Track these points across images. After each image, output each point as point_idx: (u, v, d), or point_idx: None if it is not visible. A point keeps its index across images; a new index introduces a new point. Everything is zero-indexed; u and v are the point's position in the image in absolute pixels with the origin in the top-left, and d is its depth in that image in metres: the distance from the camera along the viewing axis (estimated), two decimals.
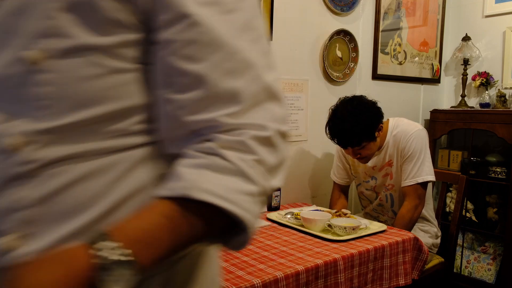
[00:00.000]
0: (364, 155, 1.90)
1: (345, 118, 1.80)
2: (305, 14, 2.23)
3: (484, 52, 2.94)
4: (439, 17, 2.98)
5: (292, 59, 2.20)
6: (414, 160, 1.89)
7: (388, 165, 2.00)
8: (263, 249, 1.49)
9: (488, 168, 2.69)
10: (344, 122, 1.80)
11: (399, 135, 1.94)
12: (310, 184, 2.38)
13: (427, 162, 1.91)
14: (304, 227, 1.69)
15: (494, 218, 2.74)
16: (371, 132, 1.84)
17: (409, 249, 1.64)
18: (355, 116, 1.79)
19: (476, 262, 2.77)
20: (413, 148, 1.90)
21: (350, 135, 1.81)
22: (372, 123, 1.83)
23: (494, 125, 2.58)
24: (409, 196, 1.90)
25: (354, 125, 1.78)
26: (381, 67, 2.63)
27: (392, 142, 1.96)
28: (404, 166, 1.93)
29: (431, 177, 1.90)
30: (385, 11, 2.61)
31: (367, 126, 1.81)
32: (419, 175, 1.89)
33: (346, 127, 1.80)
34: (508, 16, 2.82)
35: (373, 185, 2.08)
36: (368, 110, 1.84)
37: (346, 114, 1.81)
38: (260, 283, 1.21)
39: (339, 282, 1.41)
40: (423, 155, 1.90)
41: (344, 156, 2.16)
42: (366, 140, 1.84)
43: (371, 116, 1.83)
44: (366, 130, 1.82)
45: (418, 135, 1.92)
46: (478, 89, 2.95)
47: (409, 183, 1.90)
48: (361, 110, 1.82)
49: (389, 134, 1.97)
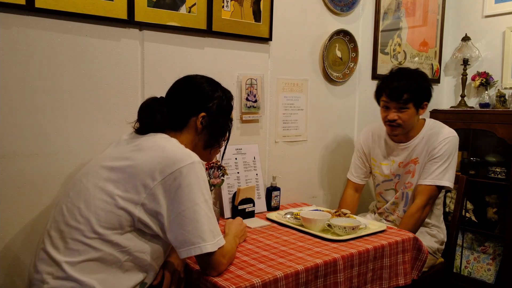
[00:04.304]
0: (401, 120, 1.91)
1: (404, 77, 1.91)
2: (305, 14, 2.23)
3: (484, 52, 2.95)
4: (439, 17, 2.98)
5: (292, 59, 2.21)
6: (441, 163, 1.89)
7: (413, 162, 1.99)
8: (262, 248, 1.49)
9: (487, 168, 2.70)
10: (402, 79, 1.90)
11: (434, 135, 1.95)
12: (309, 184, 2.38)
13: (451, 169, 1.91)
14: (304, 227, 1.69)
15: (494, 218, 2.74)
16: (421, 99, 1.91)
17: (408, 249, 1.64)
18: (414, 77, 1.91)
19: (476, 262, 2.77)
20: (443, 151, 1.90)
21: (404, 89, 1.87)
22: (425, 91, 1.93)
23: (494, 125, 2.59)
24: (421, 195, 1.90)
25: (410, 83, 1.89)
26: (380, 67, 2.63)
27: (425, 141, 1.96)
28: (428, 165, 1.92)
29: (450, 184, 1.90)
30: (385, 11, 2.61)
31: (420, 90, 1.90)
32: (440, 178, 1.89)
33: (402, 82, 1.89)
34: (508, 16, 2.82)
35: (396, 182, 2.07)
36: (426, 81, 1.95)
37: (405, 74, 1.93)
38: (259, 282, 1.21)
39: (339, 281, 1.41)
40: (450, 160, 1.90)
41: (365, 154, 2.16)
42: (413, 103, 1.89)
43: (427, 86, 1.93)
44: (418, 93, 1.89)
45: (452, 140, 1.93)
46: (477, 89, 2.96)
47: (427, 183, 1.90)
48: (421, 76, 1.94)
49: (423, 131, 1.98)
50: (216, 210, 1.85)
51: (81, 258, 1.10)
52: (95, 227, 1.12)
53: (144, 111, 1.30)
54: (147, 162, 1.15)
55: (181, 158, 1.16)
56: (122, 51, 1.64)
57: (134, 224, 1.14)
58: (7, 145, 1.44)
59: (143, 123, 1.30)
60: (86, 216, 1.13)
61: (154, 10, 1.68)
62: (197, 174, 1.16)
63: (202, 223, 1.14)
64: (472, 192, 2.88)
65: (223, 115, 1.37)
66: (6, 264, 1.47)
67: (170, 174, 1.13)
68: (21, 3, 1.40)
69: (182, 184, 1.13)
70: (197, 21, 1.80)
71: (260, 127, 2.12)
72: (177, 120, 1.32)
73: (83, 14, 1.52)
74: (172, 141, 1.25)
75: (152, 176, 1.13)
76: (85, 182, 1.20)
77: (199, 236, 1.13)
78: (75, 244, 1.12)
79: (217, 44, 1.91)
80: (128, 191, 1.14)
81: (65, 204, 1.19)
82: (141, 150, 1.20)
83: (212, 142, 1.37)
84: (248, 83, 2.02)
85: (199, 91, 1.34)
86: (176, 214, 1.13)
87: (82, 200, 1.16)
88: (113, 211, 1.13)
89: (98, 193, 1.15)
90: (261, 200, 2.03)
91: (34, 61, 1.46)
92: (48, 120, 1.51)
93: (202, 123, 1.32)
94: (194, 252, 1.13)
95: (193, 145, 1.34)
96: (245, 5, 1.95)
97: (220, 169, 1.82)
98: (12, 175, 1.45)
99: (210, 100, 1.34)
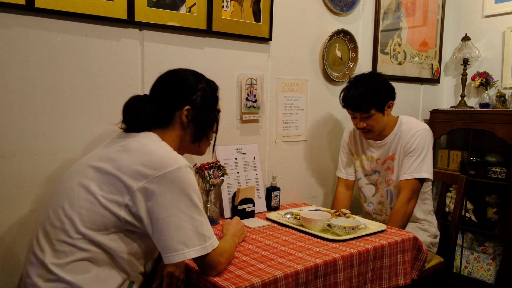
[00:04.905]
0: (370, 126, 1.96)
1: (360, 84, 1.93)
2: (305, 14, 2.23)
3: (484, 52, 2.95)
4: (438, 17, 2.98)
5: (292, 59, 2.21)
6: (415, 156, 1.93)
7: (390, 159, 2.03)
8: (262, 248, 1.49)
9: (487, 168, 2.69)
10: (359, 87, 1.92)
11: (405, 131, 1.99)
12: (309, 184, 2.38)
13: (427, 160, 1.94)
14: (304, 227, 1.69)
15: (494, 218, 2.74)
16: (381, 102, 1.93)
17: (408, 249, 1.64)
18: (370, 84, 1.93)
19: (476, 262, 2.77)
20: (416, 144, 1.94)
21: (362, 100, 1.90)
22: (384, 94, 1.95)
23: (494, 125, 2.59)
24: (404, 190, 1.93)
25: (368, 90, 1.90)
26: (380, 67, 2.63)
27: (398, 137, 2.01)
28: (405, 160, 1.96)
29: (428, 175, 1.93)
30: (384, 11, 2.61)
31: (379, 95, 1.92)
32: (418, 171, 1.92)
33: (359, 92, 1.92)
34: (508, 16, 2.82)
35: (376, 178, 2.11)
36: (383, 83, 1.97)
37: (361, 82, 1.95)
38: (259, 282, 1.21)
39: (339, 281, 1.41)
40: (424, 153, 1.93)
41: (349, 148, 2.20)
42: (376, 109, 1.92)
43: (384, 88, 1.96)
44: (377, 98, 1.91)
45: (423, 133, 1.96)
46: (477, 89, 2.96)
47: (406, 177, 1.93)
48: (376, 80, 1.96)
49: (396, 128, 2.02)
50: (216, 210, 1.85)
51: (69, 259, 1.09)
52: (79, 228, 1.10)
53: (127, 111, 1.28)
54: (132, 164, 1.13)
55: (166, 162, 1.13)
56: (122, 51, 1.64)
57: (120, 225, 1.13)
58: (7, 145, 1.44)
59: (127, 122, 1.28)
60: (70, 216, 1.11)
61: (154, 10, 1.68)
62: (182, 179, 1.13)
63: (186, 229, 1.12)
64: (472, 192, 2.88)
65: (208, 107, 1.34)
66: (7, 264, 1.47)
67: (154, 178, 1.11)
68: (21, 3, 1.40)
69: (166, 190, 1.11)
70: (197, 21, 1.81)
71: (260, 127, 2.12)
72: (162, 116, 1.29)
73: (83, 14, 1.52)
74: (160, 143, 1.22)
75: (136, 179, 1.11)
76: (70, 182, 1.18)
77: (183, 243, 1.11)
78: (61, 246, 1.10)
79: (217, 44, 1.91)
80: (112, 192, 1.12)
81: (51, 206, 1.18)
82: (127, 151, 1.18)
83: (199, 135, 1.34)
84: (248, 83, 2.02)
85: (182, 84, 1.31)
86: (159, 220, 1.11)
87: (66, 200, 1.14)
88: (97, 211, 1.11)
89: (82, 193, 1.13)
90: (261, 200, 2.04)
91: (34, 61, 1.47)
92: (48, 120, 1.51)
93: (187, 117, 1.29)
94: (178, 259, 1.11)
95: (180, 140, 1.31)
96: (245, 5, 1.95)
97: (220, 169, 1.82)
98: (12, 175, 1.45)
99: (193, 92, 1.31)
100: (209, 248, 1.17)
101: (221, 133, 1.96)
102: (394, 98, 1.99)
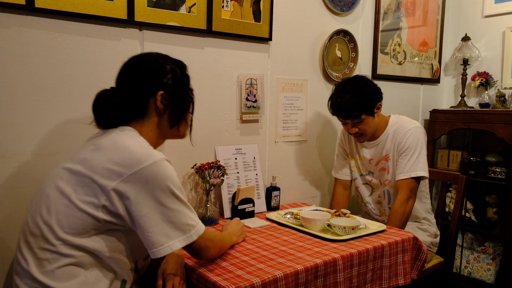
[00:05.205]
0: (362, 130, 1.95)
1: (348, 91, 1.91)
2: (305, 14, 2.23)
3: (484, 52, 2.95)
4: (438, 17, 2.98)
5: (292, 59, 2.21)
6: (409, 155, 1.93)
7: (384, 159, 2.03)
8: (262, 248, 1.49)
9: (487, 168, 2.69)
10: (346, 94, 1.91)
11: (398, 130, 1.99)
12: (309, 184, 2.39)
13: (422, 158, 1.94)
14: (304, 227, 1.69)
15: (494, 218, 2.74)
16: (370, 106, 1.92)
17: (408, 249, 1.64)
18: (356, 89, 1.91)
19: (476, 262, 2.77)
20: (409, 143, 1.94)
21: (351, 107, 1.89)
22: (373, 97, 1.93)
23: (494, 125, 2.59)
24: (401, 190, 1.93)
25: (356, 96, 1.89)
26: (380, 67, 2.63)
27: (391, 137, 2.00)
28: (399, 160, 1.96)
29: (424, 173, 1.93)
30: (384, 11, 2.61)
31: (367, 99, 1.91)
32: (413, 170, 1.91)
33: (347, 99, 1.89)
34: (508, 16, 2.82)
35: (370, 179, 2.11)
36: (369, 86, 1.95)
37: (348, 88, 1.93)
38: (259, 282, 1.21)
39: (338, 281, 1.41)
40: (418, 151, 1.93)
41: (344, 148, 2.19)
42: (366, 113, 1.91)
43: (372, 91, 1.94)
44: (366, 103, 1.91)
45: (415, 131, 1.96)
46: (477, 89, 2.96)
47: (402, 177, 1.93)
48: (363, 85, 1.95)
49: (388, 128, 2.02)
50: (216, 210, 1.85)
51: (54, 266, 1.07)
52: (58, 234, 1.07)
53: (97, 108, 1.22)
54: (103, 163, 1.09)
55: (139, 158, 1.09)
56: (122, 51, 1.64)
57: (100, 226, 1.10)
58: (7, 145, 1.44)
59: (100, 121, 1.22)
60: (48, 223, 1.09)
61: (154, 10, 1.68)
62: (158, 173, 1.09)
63: (168, 222, 1.10)
64: (472, 192, 2.88)
65: (181, 88, 1.28)
66: (7, 264, 1.47)
67: (128, 176, 1.08)
68: (21, 3, 1.40)
69: (142, 187, 1.08)
70: (197, 21, 1.81)
71: (260, 127, 2.12)
72: (136, 106, 1.22)
73: (83, 14, 1.52)
74: (134, 138, 1.16)
75: (110, 178, 1.08)
76: (47, 186, 1.14)
77: (167, 236, 1.10)
78: (43, 254, 1.08)
79: (217, 44, 1.91)
80: (87, 194, 1.09)
81: (29, 213, 1.15)
82: (99, 149, 1.13)
83: (177, 118, 1.28)
84: (248, 83, 2.02)
85: (150, 69, 1.24)
86: (139, 217, 1.08)
87: (44, 206, 1.11)
88: (75, 215, 1.08)
89: (58, 197, 1.10)
90: (261, 200, 2.04)
91: (34, 61, 1.47)
92: (48, 120, 1.51)
93: (162, 102, 1.23)
94: (164, 252, 1.09)
95: (159, 127, 1.26)
96: (245, 5, 1.95)
97: (220, 169, 1.82)
98: (12, 175, 1.45)
99: (164, 76, 1.24)
100: (195, 235, 1.15)
101: (221, 133, 1.97)
102: (381, 98, 1.98)
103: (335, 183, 2.25)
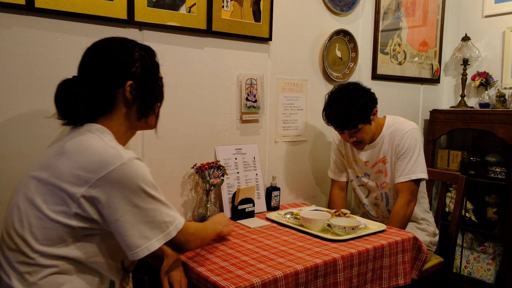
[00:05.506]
0: (360, 138, 1.94)
1: (342, 101, 1.87)
2: (305, 14, 2.23)
3: (484, 52, 2.95)
4: (438, 17, 2.98)
5: (292, 59, 2.21)
6: (408, 158, 1.92)
7: (382, 161, 2.02)
8: (262, 248, 1.49)
9: (487, 168, 2.70)
10: (341, 105, 1.87)
11: (394, 132, 1.97)
12: (309, 184, 2.39)
13: (420, 160, 1.93)
14: (304, 227, 1.69)
15: (494, 218, 2.74)
16: (367, 115, 1.89)
17: (408, 249, 1.64)
18: (351, 99, 1.86)
19: (476, 262, 2.77)
20: (407, 145, 1.92)
21: (347, 118, 1.86)
22: (368, 105, 1.90)
23: (494, 125, 2.59)
24: (402, 193, 1.92)
25: (351, 107, 1.85)
26: (380, 67, 2.63)
27: (388, 139, 1.99)
28: (398, 163, 1.95)
29: (424, 175, 1.92)
30: (384, 11, 2.61)
31: (363, 109, 1.88)
32: (412, 172, 1.91)
33: (342, 110, 1.86)
34: (508, 16, 2.82)
35: (366, 181, 2.10)
36: (363, 94, 1.91)
37: (342, 98, 1.88)
38: (259, 282, 1.21)
39: (338, 281, 1.41)
40: (417, 153, 1.92)
41: (340, 150, 2.18)
42: (362, 122, 1.89)
43: (367, 99, 1.90)
44: (362, 113, 1.87)
45: (412, 133, 1.95)
46: (477, 89, 2.96)
47: (402, 180, 1.92)
48: (357, 93, 1.90)
49: (385, 130, 2.00)
50: (216, 210, 1.85)
51: (35, 278, 1.04)
52: (34, 247, 1.03)
53: (63, 100, 1.13)
54: (70, 169, 1.04)
55: (107, 161, 1.03)
56: None
57: (76, 233, 1.05)
58: (7, 145, 1.44)
59: (65, 115, 1.14)
60: (23, 237, 1.04)
61: (154, 10, 1.68)
62: (128, 174, 1.04)
63: (144, 222, 1.06)
64: (472, 192, 2.88)
65: (151, 77, 1.20)
66: None
67: (96, 181, 1.02)
68: (21, 3, 1.40)
69: (112, 190, 1.03)
70: (197, 21, 1.81)
71: (260, 127, 2.12)
72: (104, 98, 1.14)
73: (83, 14, 1.52)
74: (99, 139, 1.09)
75: (77, 185, 1.02)
76: (17, 198, 1.10)
77: (144, 237, 1.06)
78: (23, 267, 1.04)
79: (217, 44, 1.91)
80: (57, 203, 1.04)
81: (4, 227, 1.11)
82: (63, 154, 1.07)
83: (146, 110, 1.20)
84: (248, 83, 2.02)
85: (117, 57, 1.15)
86: (113, 222, 1.04)
87: (16, 219, 1.07)
88: (48, 226, 1.03)
89: (29, 209, 1.06)
90: (261, 200, 2.04)
91: (34, 61, 1.46)
92: (48, 120, 1.50)
93: (131, 93, 1.15)
94: (142, 254, 1.06)
95: (128, 120, 1.18)
96: (245, 5, 1.95)
97: (219, 169, 1.82)
98: (12, 175, 1.45)
99: (132, 64, 1.15)
100: (173, 232, 1.12)
101: (221, 133, 1.97)
102: (377, 103, 1.94)
103: (332, 184, 2.24)
